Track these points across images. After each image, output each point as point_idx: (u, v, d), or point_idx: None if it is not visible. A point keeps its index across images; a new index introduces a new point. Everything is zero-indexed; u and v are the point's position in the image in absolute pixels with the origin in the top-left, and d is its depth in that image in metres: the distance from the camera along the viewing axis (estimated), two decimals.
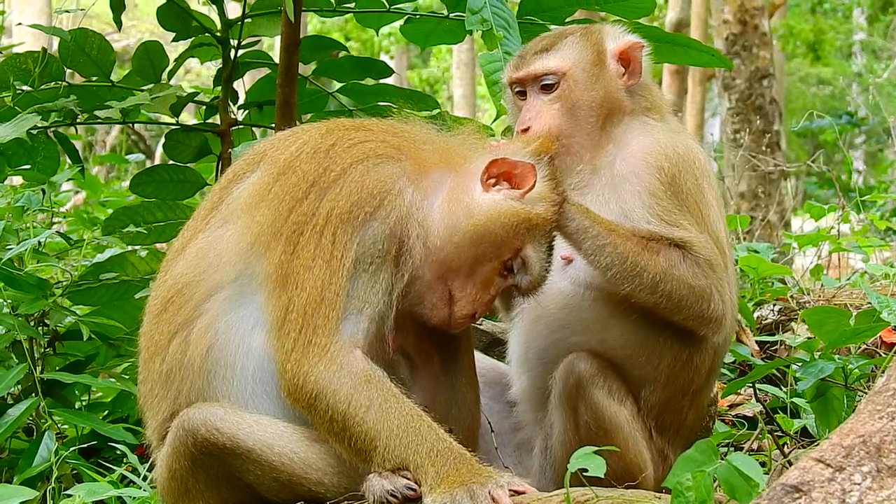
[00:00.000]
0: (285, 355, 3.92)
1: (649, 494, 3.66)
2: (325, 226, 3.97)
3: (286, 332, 3.93)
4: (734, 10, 17.86)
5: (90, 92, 6.66)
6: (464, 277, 4.13)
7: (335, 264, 3.94)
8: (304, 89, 6.89)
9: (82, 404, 6.19)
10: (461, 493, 3.69)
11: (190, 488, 4.08)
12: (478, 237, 4.10)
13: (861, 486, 2.90)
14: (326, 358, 3.88)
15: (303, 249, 3.97)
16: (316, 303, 3.92)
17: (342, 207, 3.98)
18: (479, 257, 4.12)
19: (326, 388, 3.86)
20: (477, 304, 4.16)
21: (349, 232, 3.96)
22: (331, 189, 4.02)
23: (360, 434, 3.84)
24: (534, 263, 4.21)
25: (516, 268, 4.20)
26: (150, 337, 4.23)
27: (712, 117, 31.01)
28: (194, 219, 4.34)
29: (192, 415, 4.01)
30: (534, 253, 4.20)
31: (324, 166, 4.08)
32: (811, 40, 32.27)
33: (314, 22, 28.61)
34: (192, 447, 3.98)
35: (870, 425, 3.05)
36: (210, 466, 4.01)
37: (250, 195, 4.16)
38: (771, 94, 17.85)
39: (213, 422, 3.96)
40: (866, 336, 5.04)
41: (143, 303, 6.17)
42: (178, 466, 4.05)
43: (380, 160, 4.09)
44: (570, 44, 4.72)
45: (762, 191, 16.89)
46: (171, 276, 4.23)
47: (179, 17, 6.76)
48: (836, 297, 6.83)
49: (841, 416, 4.77)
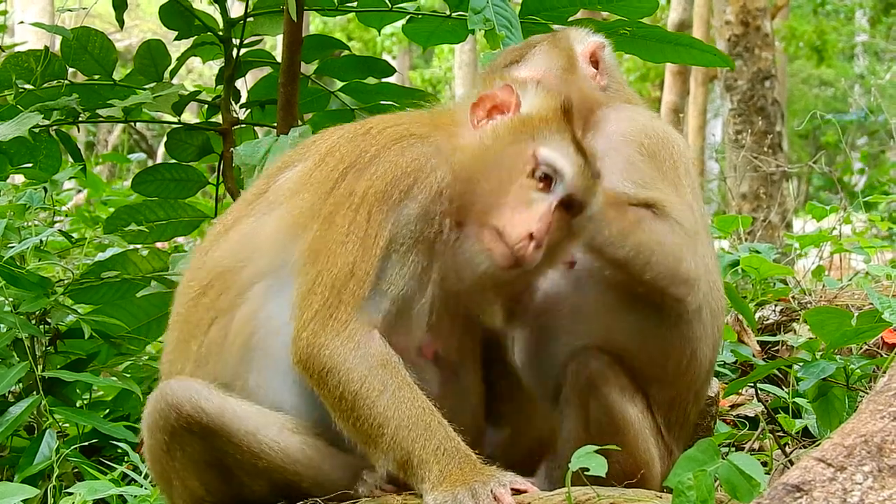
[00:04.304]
0: (303, 324, 3.88)
1: (651, 494, 3.65)
2: (360, 204, 3.93)
3: (309, 303, 3.89)
4: (736, 11, 17.85)
5: (92, 90, 6.68)
6: (498, 207, 3.98)
7: (368, 242, 3.90)
8: (306, 88, 6.90)
9: (83, 403, 6.19)
10: (463, 492, 3.68)
11: (165, 467, 4.05)
12: (487, 165, 4.02)
13: (862, 486, 2.90)
14: (345, 334, 3.85)
15: (338, 226, 3.94)
16: (345, 278, 3.88)
17: (378, 186, 3.95)
18: (500, 181, 4.00)
19: (340, 365, 3.82)
20: (527, 224, 3.95)
21: (384, 211, 3.93)
22: (367, 169, 4.00)
23: (368, 417, 3.80)
24: (562, 163, 4.04)
25: (549, 174, 4.01)
26: (187, 319, 4.18)
27: (714, 118, 31.02)
28: (239, 203, 4.34)
29: (175, 389, 3.96)
30: (555, 152, 4.05)
31: (361, 148, 4.06)
32: (814, 42, 32.26)
33: (316, 22, 28.64)
34: (174, 422, 3.92)
35: (871, 425, 3.05)
36: (189, 444, 3.95)
37: (294, 182, 4.16)
38: (773, 96, 17.84)
39: (197, 400, 3.91)
40: (868, 336, 5.04)
41: (145, 301, 6.25)
42: (155, 442, 4.02)
43: (413, 139, 4.07)
44: (540, 52, 4.71)
45: (764, 192, 16.87)
46: (212, 259, 4.20)
47: (182, 16, 6.77)
48: (837, 297, 6.83)
49: (842, 417, 4.77)
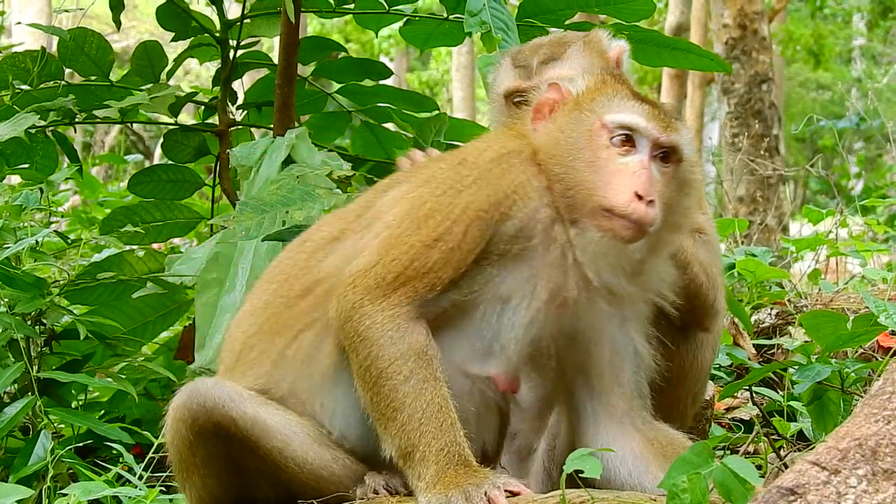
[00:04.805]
0: (356, 285, 3.91)
1: (645, 496, 3.65)
2: (459, 217, 3.92)
3: (372, 273, 3.91)
4: (734, 14, 17.85)
5: (89, 91, 6.68)
6: (597, 187, 3.91)
7: (456, 256, 3.90)
8: (303, 90, 6.90)
9: (79, 404, 6.19)
10: (456, 495, 3.69)
11: (185, 460, 4.06)
12: (566, 156, 3.97)
13: (856, 490, 2.90)
14: (390, 313, 3.86)
15: (429, 229, 3.93)
16: (416, 275, 3.89)
17: (480, 205, 3.93)
18: (586, 164, 3.94)
19: (376, 340, 3.84)
20: (628, 186, 3.87)
21: (482, 229, 3.91)
22: (468, 189, 3.98)
23: (386, 398, 3.83)
24: (630, 117, 3.96)
25: (625, 133, 3.93)
26: (279, 314, 4.19)
27: (711, 121, 31.01)
28: (345, 213, 4.37)
29: (211, 390, 3.98)
30: (620, 111, 3.99)
31: (461, 174, 4.04)
32: (812, 45, 32.27)
33: (314, 24, 28.65)
34: (202, 423, 3.94)
35: (865, 428, 3.05)
36: (213, 446, 3.97)
37: (393, 198, 4.16)
38: (770, 99, 17.84)
39: (231, 408, 3.91)
40: (863, 340, 5.04)
41: (141, 302, 6.25)
42: (178, 435, 4.03)
43: (511, 156, 4.04)
44: (577, 52, 4.67)
45: (760, 195, 16.87)
46: (321, 265, 4.19)
47: (179, 17, 6.78)
48: (833, 301, 6.84)
49: (837, 420, 4.77)
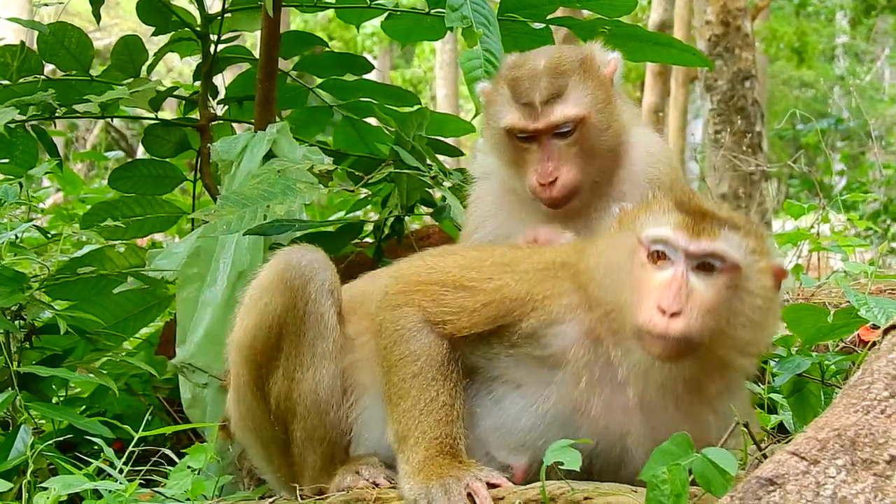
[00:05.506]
0: (398, 281, 4.14)
1: (626, 487, 3.66)
2: (489, 289, 4.02)
3: (411, 276, 4.14)
4: (717, 11, 17.89)
5: (69, 86, 6.67)
6: (630, 304, 3.80)
7: (468, 316, 4.01)
8: (284, 85, 6.89)
9: (59, 399, 6.16)
10: (436, 488, 3.72)
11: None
12: (611, 277, 3.91)
13: (835, 479, 2.91)
14: (418, 317, 4.03)
15: (463, 277, 4.08)
16: (441, 299, 4.03)
17: (508, 293, 3.99)
18: (628, 284, 3.85)
19: (402, 335, 4.02)
20: (653, 301, 3.75)
21: (499, 313, 3.98)
22: (509, 276, 4.04)
23: (396, 384, 4.00)
24: (663, 230, 3.82)
25: (658, 248, 3.82)
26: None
27: (695, 119, 31.08)
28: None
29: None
30: (656, 226, 3.86)
31: (513, 261, 4.13)
32: (795, 43, 32.34)
33: (297, 21, 28.61)
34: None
35: (845, 419, 3.06)
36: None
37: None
38: (753, 96, 17.88)
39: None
40: (843, 332, 5.04)
41: (122, 297, 6.23)
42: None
43: (556, 269, 4.04)
44: (578, 83, 4.60)
45: (743, 191, 16.91)
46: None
47: (159, 12, 6.76)
48: (815, 295, 6.84)
49: (817, 412, 4.76)
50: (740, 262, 3.79)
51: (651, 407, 3.86)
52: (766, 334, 4.00)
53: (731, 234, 3.82)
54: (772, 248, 4.02)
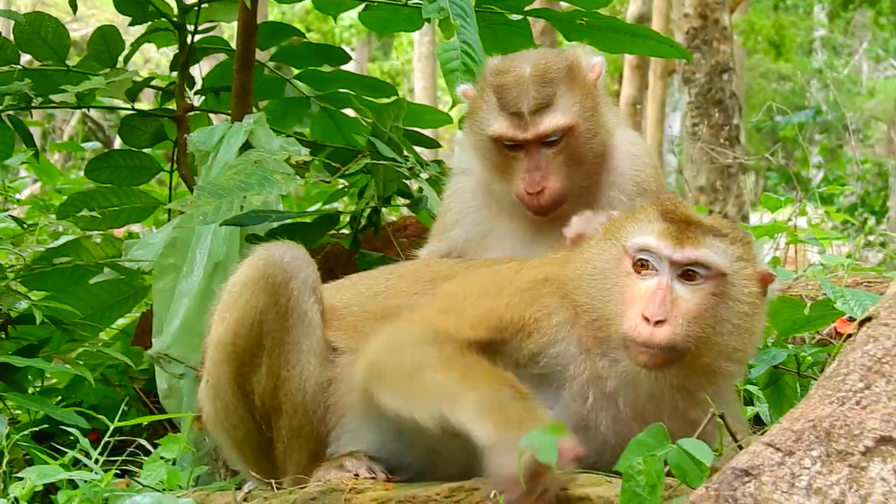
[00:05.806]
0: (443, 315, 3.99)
1: (601, 478, 3.65)
2: (477, 315, 3.96)
3: (453, 313, 3.99)
4: (695, 3, 17.93)
5: (45, 76, 6.64)
6: (615, 313, 3.81)
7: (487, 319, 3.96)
8: (261, 75, 6.87)
9: (35, 389, 6.15)
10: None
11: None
12: (595, 285, 3.92)
13: (811, 471, 2.91)
14: (454, 335, 3.88)
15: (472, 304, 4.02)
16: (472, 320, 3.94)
17: (500, 316, 3.95)
18: (612, 293, 3.85)
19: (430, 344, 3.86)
20: (636, 310, 3.76)
21: (490, 333, 3.93)
22: (500, 299, 4.00)
23: (404, 369, 3.87)
24: (647, 238, 3.83)
25: (642, 257, 3.83)
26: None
27: (673, 112, 31.13)
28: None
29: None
30: (640, 234, 3.87)
31: (502, 282, 4.09)
32: (773, 36, 32.42)
33: (275, 12, 28.56)
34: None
35: (820, 410, 3.06)
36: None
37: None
38: (731, 89, 17.93)
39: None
40: (819, 324, 5.06)
41: (98, 288, 6.21)
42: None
43: (541, 286, 4.01)
44: (565, 92, 4.58)
45: (720, 184, 16.96)
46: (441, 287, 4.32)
47: (136, 2, 6.74)
48: (791, 288, 6.85)
49: (793, 404, 4.75)
50: (725, 269, 3.82)
51: (646, 417, 3.83)
52: (754, 340, 4.00)
53: (716, 242, 3.84)
54: (759, 253, 4.03)
